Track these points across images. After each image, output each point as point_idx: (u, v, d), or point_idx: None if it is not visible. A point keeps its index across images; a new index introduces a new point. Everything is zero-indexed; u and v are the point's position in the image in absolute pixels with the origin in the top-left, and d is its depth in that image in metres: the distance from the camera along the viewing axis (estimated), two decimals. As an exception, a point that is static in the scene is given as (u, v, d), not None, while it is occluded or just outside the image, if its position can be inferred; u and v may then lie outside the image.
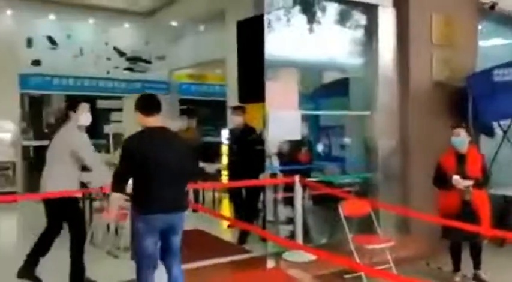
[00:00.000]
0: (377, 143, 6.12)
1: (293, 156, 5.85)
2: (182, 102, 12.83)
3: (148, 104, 3.73)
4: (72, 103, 4.69)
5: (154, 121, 3.68)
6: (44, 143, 11.34)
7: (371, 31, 6.27)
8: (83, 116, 4.60)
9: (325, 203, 6.09)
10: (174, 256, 3.75)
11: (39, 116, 11.93)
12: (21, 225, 8.27)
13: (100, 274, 4.79)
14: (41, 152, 10.86)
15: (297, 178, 5.21)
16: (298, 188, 5.23)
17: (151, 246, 3.54)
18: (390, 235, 5.14)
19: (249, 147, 6.08)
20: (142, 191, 3.50)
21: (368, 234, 5.10)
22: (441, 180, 4.85)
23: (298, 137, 5.52)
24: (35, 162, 10.77)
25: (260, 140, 5.99)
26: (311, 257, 5.08)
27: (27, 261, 4.53)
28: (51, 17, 10.76)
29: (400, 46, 6.20)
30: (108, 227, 6.26)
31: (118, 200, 3.77)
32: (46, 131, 11.94)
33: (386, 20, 6.19)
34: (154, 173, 3.46)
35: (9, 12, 10.23)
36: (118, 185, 3.56)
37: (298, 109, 5.51)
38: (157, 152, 3.49)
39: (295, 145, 5.85)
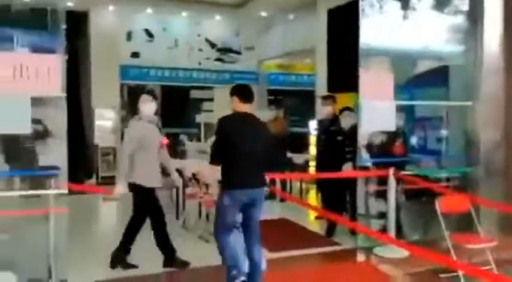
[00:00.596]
0: (479, 135, 5.73)
1: (387, 148, 5.63)
2: (270, 92, 12.93)
3: (246, 92, 4.07)
4: (138, 92, 4.95)
5: (247, 108, 3.99)
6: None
7: (474, 16, 5.86)
8: (146, 107, 4.84)
9: (419, 198, 5.82)
10: (254, 234, 3.99)
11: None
12: (119, 205, 8.84)
13: (192, 257, 4.98)
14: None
15: (391, 171, 5.02)
16: (392, 181, 5.05)
17: (232, 217, 3.89)
18: (492, 234, 4.79)
19: (337, 138, 5.97)
20: (229, 168, 3.82)
21: (467, 232, 4.79)
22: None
23: (392, 129, 5.31)
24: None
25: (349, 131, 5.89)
26: (404, 253, 4.91)
27: (119, 250, 4.76)
28: (149, 11, 11.29)
29: (508, 32, 5.73)
30: (200, 212, 6.48)
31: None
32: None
33: (493, 4, 5.75)
34: (242, 152, 3.79)
35: (111, 7, 10.89)
36: (214, 158, 3.94)
37: (393, 99, 5.28)
38: (247, 135, 3.83)
39: (389, 137, 5.63)
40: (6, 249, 4.51)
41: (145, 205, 4.73)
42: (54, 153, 5.41)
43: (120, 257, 4.72)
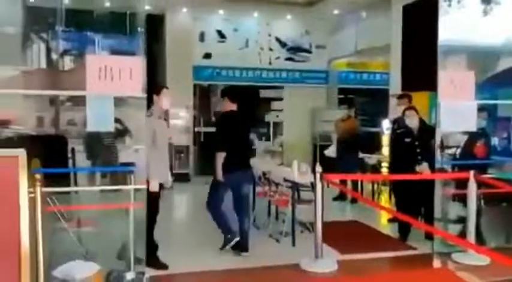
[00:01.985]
0: None
1: (467, 149, 5.36)
2: (341, 91, 12.73)
3: (235, 93, 5.45)
4: (157, 86, 4.91)
5: (234, 107, 5.26)
6: (212, 129, 12.34)
7: None
8: (166, 102, 4.78)
9: (501, 203, 5.50)
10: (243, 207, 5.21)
11: (207, 104, 12.96)
12: (192, 200, 9.12)
13: (263, 256, 5.02)
14: (209, 138, 11.87)
15: (471, 174, 4.77)
16: (472, 185, 4.79)
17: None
18: None
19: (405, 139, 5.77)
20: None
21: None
22: None
23: (473, 129, 5.05)
24: (204, 147, 11.76)
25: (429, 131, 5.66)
26: (484, 260, 4.65)
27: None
28: (221, 12, 11.52)
29: None
30: (269, 211, 6.52)
31: None
32: (213, 119, 12.95)
33: None
34: (235, 143, 5.09)
35: (185, 10, 11.23)
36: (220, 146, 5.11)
37: (474, 99, 5.02)
38: (240, 129, 5.24)
39: (470, 138, 5.35)
40: (90, 241, 4.80)
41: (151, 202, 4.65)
42: (133, 151, 5.69)
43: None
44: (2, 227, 2.59)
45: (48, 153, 4.41)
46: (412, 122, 5.62)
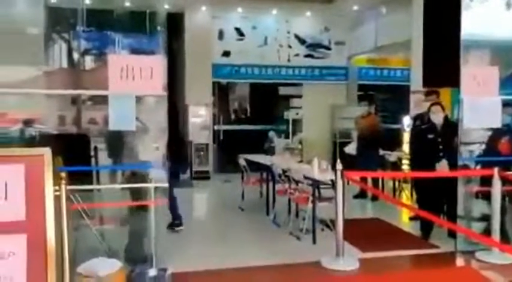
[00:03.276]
0: None
1: (491, 146, 5.26)
2: (361, 87, 12.63)
3: None
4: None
5: None
6: (230, 127, 12.40)
7: None
8: None
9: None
10: None
11: (226, 102, 13.01)
12: (212, 198, 9.17)
13: (283, 254, 5.02)
14: (228, 135, 11.92)
15: (496, 170, 4.69)
16: (496, 182, 4.71)
17: None
18: None
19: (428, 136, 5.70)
20: None
21: None
22: None
23: (497, 125, 4.95)
24: (223, 145, 11.82)
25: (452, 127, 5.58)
26: (509, 259, 4.57)
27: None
28: (239, 10, 11.53)
29: None
30: (289, 209, 6.51)
31: None
32: (232, 117, 13.00)
33: None
34: None
35: (204, 8, 11.27)
36: None
37: (498, 94, 4.92)
38: None
39: (494, 134, 5.25)
40: (113, 238, 4.87)
41: None
42: (153, 149, 5.73)
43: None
44: (29, 224, 2.65)
45: (72, 152, 4.48)
46: (437, 118, 5.54)
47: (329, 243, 4.88)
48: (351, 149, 8.49)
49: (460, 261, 4.91)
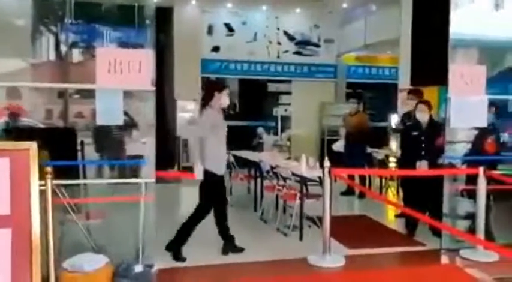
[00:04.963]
0: None
1: (477, 145, 5.31)
2: (349, 85, 12.68)
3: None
4: (218, 84, 5.13)
5: None
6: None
7: None
8: (226, 99, 4.89)
9: (509, 199, 5.45)
10: None
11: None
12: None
13: (270, 250, 5.03)
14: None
15: (481, 169, 4.74)
16: (482, 181, 4.76)
17: None
18: None
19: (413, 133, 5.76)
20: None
21: None
22: None
23: (484, 125, 5.00)
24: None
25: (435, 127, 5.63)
26: (493, 256, 4.63)
27: (177, 237, 4.81)
28: (229, 5, 11.48)
29: None
30: (277, 205, 6.52)
31: None
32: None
33: None
34: None
35: (194, 2, 11.20)
36: None
37: (485, 94, 4.97)
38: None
39: (480, 133, 5.30)
40: (99, 234, 4.82)
41: (215, 192, 4.84)
42: (141, 144, 5.69)
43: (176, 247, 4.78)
44: (14, 219, 2.61)
45: (58, 146, 4.43)
46: (422, 116, 5.59)
47: (316, 240, 4.90)
48: (339, 146, 8.52)
49: (444, 259, 4.96)
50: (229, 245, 4.96)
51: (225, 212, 4.97)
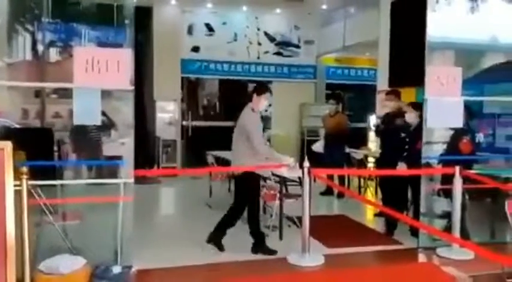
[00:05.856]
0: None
1: (453, 145, 5.41)
2: (329, 86, 12.78)
3: None
4: (260, 88, 5.19)
5: None
6: (199, 123, 12.30)
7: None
8: (263, 102, 5.00)
9: (485, 198, 5.57)
10: None
11: (195, 98, 12.92)
12: (179, 195, 9.10)
13: (249, 250, 5.03)
14: (196, 132, 11.84)
15: (457, 169, 4.83)
16: (458, 180, 4.85)
17: None
18: None
19: (398, 134, 5.83)
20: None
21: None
22: None
23: (459, 125, 5.10)
24: (191, 141, 11.73)
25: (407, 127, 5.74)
26: (469, 254, 4.72)
27: (217, 229, 5.01)
28: (209, 5, 11.46)
29: None
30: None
31: None
32: (201, 113, 12.92)
33: None
34: None
35: (173, 2, 11.14)
36: None
37: (460, 95, 5.07)
38: None
39: (456, 134, 5.40)
40: (76, 235, 4.76)
41: (252, 192, 4.94)
42: (119, 144, 5.63)
43: (216, 239, 4.99)
44: (-13, 220, 2.57)
45: (34, 146, 4.36)
46: (413, 117, 5.67)
47: (295, 240, 4.92)
48: (319, 146, 8.57)
49: (422, 257, 5.04)
50: (259, 245, 5.01)
51: (258, 212, 5.07)
